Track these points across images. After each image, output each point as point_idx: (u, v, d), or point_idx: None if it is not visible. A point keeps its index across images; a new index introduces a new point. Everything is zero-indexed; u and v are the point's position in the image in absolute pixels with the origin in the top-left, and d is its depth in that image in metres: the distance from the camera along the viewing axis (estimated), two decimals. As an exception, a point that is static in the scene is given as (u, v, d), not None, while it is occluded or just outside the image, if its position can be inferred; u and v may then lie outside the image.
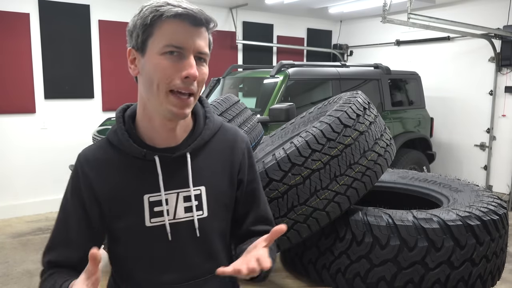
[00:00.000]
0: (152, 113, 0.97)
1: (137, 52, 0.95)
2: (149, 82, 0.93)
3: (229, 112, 1.56)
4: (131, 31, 0.96)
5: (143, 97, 0.97)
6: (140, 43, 0.94)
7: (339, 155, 1.32)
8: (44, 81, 5.23)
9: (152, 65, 0.92)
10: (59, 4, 5.23)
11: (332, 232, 1.37)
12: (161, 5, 0.91)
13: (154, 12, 0.91)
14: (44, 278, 1.02)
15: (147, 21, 0.91)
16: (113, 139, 1.01)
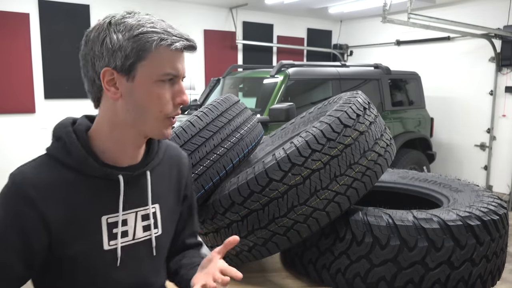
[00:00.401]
0: (126, 134, 0.92)
1: (119, 74, 0.87)
2: (140, 107, 0.89)
3: (229, 112, 1.56)
4: (114, 50, 0.85)
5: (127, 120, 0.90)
6: (127, 66, 0.86)
7: (339, 155, 1.32)
8: (44, 81, 5.24)
9: (146, 91, 0.88)
10: (59, 4, 5.23)
11: (332, 232, 1.37)
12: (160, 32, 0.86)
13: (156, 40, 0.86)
14: None
15: (145, 47, 0.85)
16: (63, 156, 0.90)
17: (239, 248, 1.41)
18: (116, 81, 0.87)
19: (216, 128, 1.48)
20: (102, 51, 0.86)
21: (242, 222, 1.35)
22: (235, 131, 1.52)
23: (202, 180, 1.41)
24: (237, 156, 1.49)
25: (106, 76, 0.87)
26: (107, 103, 0.91)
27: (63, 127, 0.93)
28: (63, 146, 0.91)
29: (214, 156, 1.43)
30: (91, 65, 0.89)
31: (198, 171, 1.40)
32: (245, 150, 1.53)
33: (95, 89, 0.91)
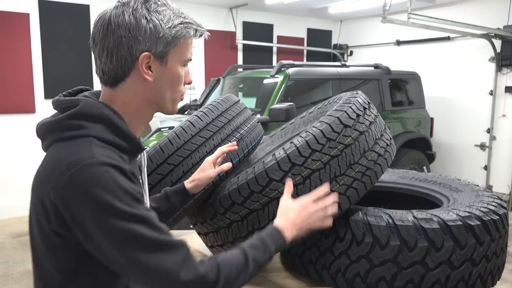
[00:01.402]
0: (148, 112, 1.00)
1: (155, 59, 0.93)
2: (166, 87, 0.97)
3: (229, 112, 1.56)
4: (157, 37, 0.92)
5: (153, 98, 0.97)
6: (164, 52, 0.94)
7: (339, 155, 1.32)
8: (44, 81, 5.24)
9: (176, 74, 0.97)
10: (59, 4, 5.23)
11: (332, 232, 1.37)
12: (191, 21, 0.97)
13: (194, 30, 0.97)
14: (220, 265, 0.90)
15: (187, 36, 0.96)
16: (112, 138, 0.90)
17: (239, 248, 1.41)
18: (151, 64, 0.93)
19: (216, 128, 1.48)
20: (145, 37, 0.91)
21: (242, 222, 1.35)
22: (235, 131, 1.52)
23: (202, 180, 1.41)
24: (237, 156, 1.49)
25: (144, 60, 0.92)
26: (136, 83, 0.94)
27: (99, 107, 0.91)
28: (107, 127, 0.90)
29: (214, 156, 1.43)
30: (127, 48, 0.91)
31: (198, 171, 1.41)
32: (245, 150, 1.53)
33: (125, 70, 0.93)
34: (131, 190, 0.84)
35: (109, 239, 0.82)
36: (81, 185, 0.81)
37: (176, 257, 0.85)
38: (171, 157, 1.40)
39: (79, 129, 0.89)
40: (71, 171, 0.82)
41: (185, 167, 1.40)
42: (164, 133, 3.64)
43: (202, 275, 0.86)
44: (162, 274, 0.83)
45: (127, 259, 0.83)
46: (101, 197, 0.80)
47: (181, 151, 1.41)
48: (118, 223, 0.81)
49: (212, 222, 1.44)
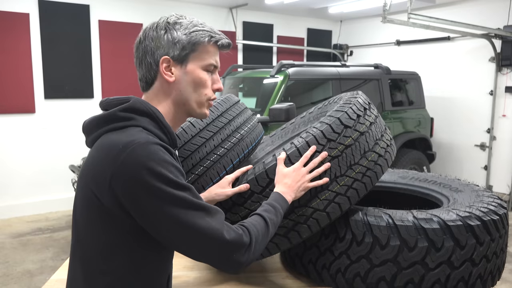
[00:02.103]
0: (181, 113, 1.12)
1: (174, 62, 1.07)
2: (190, 88, 1.10)
3: (229, 113, 1.55)
4: (174, 43, 1.06)
5: (179, 99, 1.10)
6: (183, 56, 1.07)
7: (340, 156, 1.32)
8: (44, 81, 5.24)
9: (196, 76, 1.09)
10: (59, 4, 5.23)
11: (332, 232, 1.37)
12: (213, 32, 1.10)
13: (208, 36, 1.08)
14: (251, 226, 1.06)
15: (200, 41, 1.08)
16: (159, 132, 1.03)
17: (239, 248, 1.41)
18: (172, 67, 1.08)
19: (216, 128, 1.48)
20: (163, 43, 1.07)
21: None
22: (235, 132, 1.52)
23: (202, 180, 1.41)
24: (237, 157, 1.49)
25: (164, 63, 1.07)
26: (163, 85, 1.09)
27: (146, 104, 1.05)
28: (154, 123, 1.04)
29: (215, 157, 1.43)
30: (151, 54, 1.07)
31: (198, 171, 1.40)
32: (245, 150, 1.53)
33: (152, 73, 1.09)
34: (176, 164, 0.98)
35: (162, 205, 0.93)
36: (139, 159, 0.92)
37: (218, 219, 0.99)
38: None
39: (130, 120, 1.02)
40: (129, 148, 0.93)
41: (185, 167, 1.40)
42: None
43: (240, 235, 1.01)
44: (209, 234, 0.96)
45: (177, 223, 0.94)
46: (156, 169, 0.92)
47: (181, 151, 1.41)
48: (169, 191, 0.93)
49: (212, 222, 1.44)
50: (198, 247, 0.98)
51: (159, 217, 0.94)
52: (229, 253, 0.98)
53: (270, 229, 1.10)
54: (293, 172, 1.26)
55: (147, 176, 0.91)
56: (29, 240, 4.39)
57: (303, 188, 1.26)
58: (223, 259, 0.99)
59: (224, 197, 1.34)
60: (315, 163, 1.28)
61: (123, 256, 1.01)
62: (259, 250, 1.05)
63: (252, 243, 1.02)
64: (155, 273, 1.07)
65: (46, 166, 5.29)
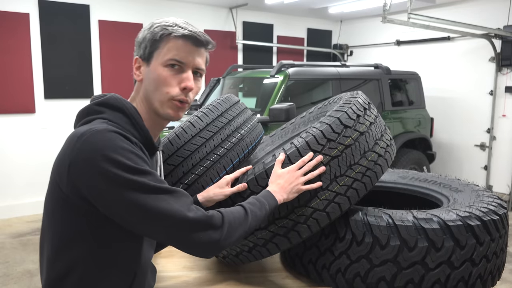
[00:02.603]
0: (153, 113, 1.11)
1: (143, 61, 1.10)
2: (152, 87, 1.08)
3: (229, 113, 1.55)
4: (140, 43, 1.10)
5: (146, 98, 1.10)
6: (147, 54, 1.08)
7: (339, 156, 1.32)
8: (44, 81, 5.24)
9: (156, 73, 1.07)
10: (59, 4, 5.23)
11: (332, 232, 1.37)
12: (171, 25, 1.07)
13: (164, 30, 1.06)
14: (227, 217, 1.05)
15: (157, 37, 1.06)
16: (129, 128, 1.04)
17: (239, 248, 1.41)
18: (141, 66, 1.11)
19: (216, 128, 1.47)
20: (136, 45, 1.12)
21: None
22: (235, 132, 1.52)
23: (202, 180, 1.41)
24: (237, 157, 1.49)
25: (136, 63, 1.12)
26: (137, 85, 1.13)
27: (122, 101, 1.07)
28: (126, 119, 1.05)
29: (214, 157, 1.43)
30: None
31: (198, 171, 1.40)
32: (245, 150, 1.53)
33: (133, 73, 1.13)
34: (136, 151, 0.97)
35: (120, 192, 0.92)
36: (94, 146, 0.92)
37: (182, 201, 0.98)
38: (171, 158, 1.40)
39: (100, 113, 1.04)
40: (86, 135, 0.94)
41: (185, 167, 1.40)
42: (165, 133, 3.64)
43: (209, 216, 1.00)
44: (171, 214, 0.95)
45: (137, 207, 0.93)
46: (111, 156, 0.92)
47: (181, 151, 1.41)
48: (127, 177, 0.92)
49: (212, 222, 1.44)
50: (162, 230, 0.97)
51: (119, 203, 0.94)
52: (194, 232, 0.97)
53: (249, 219, 1.10)
54: (287, 174, 1.26)
55: (103, 162, 0.91)
56: (29, 240, 4.39)
57: (296, 190, 1.25)
58: (190, 239, 0.98)
59: (223, 197, 1.34)
60: (310, 166, 1.27)
61: (84, 244, 1.00)
62: (235, 236, 1.04)
63: (225, 226, 1.01)
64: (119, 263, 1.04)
65: (46, 166, 5.28)
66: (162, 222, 0.95)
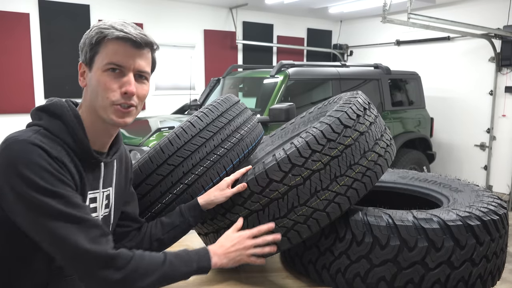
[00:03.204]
0: (96, 119, 1.06)
1: (86, 66, 1.06)
2: (94, 93, 1.04)
3: (229, 113, 1.55)
4: (82, 47, 1.06)
5: (90, 104, 1.06)
6: (88, 59, 1.05)
7: (339, 156, 1.32)
8: (44, 81, 5.24)
9: (97, 79, 1.03)
10: (59, 4, 5.23)
11: (332, 232, 1.37)
12: (106, 27, 1.03)
13: (99, 33, 1.03)
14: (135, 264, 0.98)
15: (93, 40, 1.03)
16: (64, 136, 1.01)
17: (239, 248, 1.41)
18: (85, 71, 1.07)
19: (216, 128, 1.47)
20: (79, 50, 1.07)
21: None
22: (235, 132, 1.52)
23: (202, 180, 1.41)
24: (237, 157, 1.49)
25: (80, 69, 1.08)
26: (83, 91, 1.10)
27: (63, 107, 1.04)
28: (64, 126, 1.02)
29: (214, 157, 1.43)
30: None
31: (198, 171, 1.40)
32: (245, 150, 1.53)
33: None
34: (52, 170, 0.93)
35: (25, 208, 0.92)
36: (9, 158, 0.92)
37: (88, 232, 0.94)
38: (171, 158, 1.40)
39: (37, 119, 1.03)
40: (3, 146, 0.95)
41: (185, 167, 1.40)
42: (164, 133, 3.64)
43: (113, 254, 0.95)
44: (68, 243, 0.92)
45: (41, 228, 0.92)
46: (22, 171, 0.90)
47: (181, 151, 1.41)
48: (35, 196, 0.90)
49: (212, 223, 1.44)
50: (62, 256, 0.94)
51: (24, 218, 0.93)
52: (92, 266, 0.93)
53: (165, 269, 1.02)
54: (237, 239, 1.21)
55: (13, 175, 0.91)
56: None
57: (238, 259, 1.19)
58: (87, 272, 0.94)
59: (223, 199, 1.34)
60: (260, 230, 1.23)
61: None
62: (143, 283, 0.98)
63: (128, 268, 0.96)
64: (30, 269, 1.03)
65: (46, 166, 5.29)
66: (61, 249, 0.93)
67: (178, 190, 1.38)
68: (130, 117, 1.08)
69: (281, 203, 1.30)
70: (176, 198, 1.38)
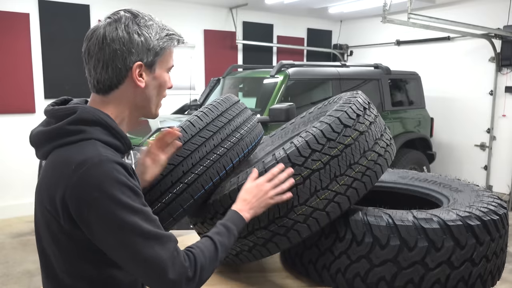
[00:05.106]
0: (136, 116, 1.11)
1: (145, 67, 1.05)
2: (157, 92, 1.09)
3: (229, 112, 1.55)
4: (148, 49, 1.03)
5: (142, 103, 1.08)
6: (151, 61, 1.05)
7: (339, 155, 1.32)
8: (44, 81, 5.24)
9: (162, 80, 1.09)
10: (59, 4, 5.23)
11: (332, 232, 1.37)
12: (172, 33, 1.09)
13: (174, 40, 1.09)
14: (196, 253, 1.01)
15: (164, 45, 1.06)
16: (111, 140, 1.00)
17: (239, 248, 1.41)
18: (142, 72, 1.05)
19: (216, 128, 1.47)
20: (137, 49, 1.02)
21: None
22: (235, 131, 1.52)
23: (202, 180, 1.40)
24: (237, 156, 1.49)
25: (137, 69, 1.03)
26: (128, 90, 1.05)
27: (95, 112, 1.01)
28: (105, 131, 1.00)
29: (214, 156, 1.43)
30: (122, 59, 1.01)
31: (198, 171, 1.40)
32: (245, 150, 1.53)
33: (119, 78, 1.03)
34: (133, 185, 0.95)
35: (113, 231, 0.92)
36: (93, 181, 0.90)
37: (168, 249, 0.96)
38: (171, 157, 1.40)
39: (80, 133, 0.97)
40: (82, 169, 0.91)
41: (185, 167, 1.40)
42: (164, 133, 3.63)
43: (186, 268, 0.97)
44: (154, 266, 0.93)
45: (125, 248, 0.92)
46: (109, 191, 0.90)
47: (181, 151, 1.40)
48: (122, 216, 0.91)
49: (212, 222, 1.44)
50: (142, 275, 0.96)
51: (110, 241, 0.94)
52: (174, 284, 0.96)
53: (219, 255, 1.07)
54: (256, 188, 1.24)
55: (100, 199, 0.90)
56: (29, 240, 4.39)
57: (264, 205, 1.24)
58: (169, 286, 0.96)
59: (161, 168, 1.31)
60: (280, 179, 1.26)
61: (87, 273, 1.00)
62: (203, 280, 1.02)
63: (196, 276, 0.99)
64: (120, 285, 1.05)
65: (46, 166, 5.29)
66: (144, 269, 0.94)
67: (178, 190, 1.37)
68: None
69: (281, 202, 1.29)
70: (176, 198, 1.38)
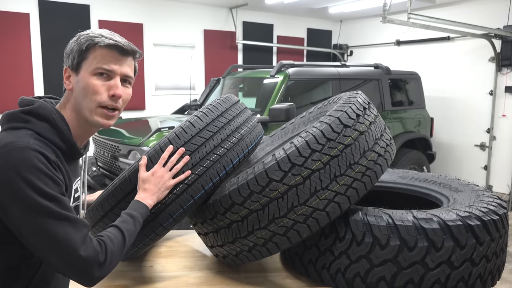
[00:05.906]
0: (83, 121, 1.15)
1: (72, 71, 1.16)
2: (81, 95, 1.13)
3: (229, 112, 1.55)
4: (68, 54, 1.16)
5: (75, 106, 1.15)
6: (75, 64, 1.14)
7: (339, 155, 1.32)
8: (44, 81, 5.24)
9: (85, 82, 1.13)
10: (59, 4, 5.23)
11: (332, 232, 1.37)
12: (96, 36, 1.13)
13: (89, 41, 1.12)
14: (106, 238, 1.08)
15: (83, 47, 1.12)
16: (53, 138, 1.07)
17: (239, 248, 1.41)
18: (70, 75, 1.17)
19: (216, 128, 1.47)
20: (66, 54, 1.18)
21: (242, 222, 1.35)
22: (235, 132, 1.52)
23: (202, 180, 1.40)
24: (237, 157, 1.49)
25: (66, 73, 1.18)
26: (67, 93, 1.18)
27: (50, 111, 1.11)
28: (52, 129, 1.09)
29: (214, 157, 1.43)
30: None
31: (198, 171, 1.40)
32: (245, 150, 1.53)
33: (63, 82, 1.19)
34: (51, 174, 1.00)
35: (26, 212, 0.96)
36: (12, 161, 0.96)
37: (81, 232, 1.01)
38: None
39: (26, 122, 1.08)
40: (4, 150, 0.98)
41: (185, 167, 1.40)
42: (164, 133, 3.64)
43: (98, 252, 1.03)
44: (66, 245, 0.98)
45: (37, 229, 0.97)
46: (24, 175, 0.95)
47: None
48: (35, 198, 0.95)
49: (212, 222, 1.44)
50: (55, 257, 0.99)
51: (22, 222, 0.97)
52: (82, 269, 1.01)
53: (126, 241, 1.13)
54: (152, 176, 1.31)
55: (15, 180, 0.94)
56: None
57: (164, 188, 1.32)
58: (76, 273, 1.02)
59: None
60: (172, 162, 1.34)
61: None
62: (114, 264, 1.08)
63: (107, 260, 1.04)
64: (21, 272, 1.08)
65: (46, 166, 5.29)
66: (56, 250, 0.98)
67: (178, 190, 1.37)
68: (114, 120, 1.18)
69: (281, 202, 1.29)
70: (176, 198, 1.38)
